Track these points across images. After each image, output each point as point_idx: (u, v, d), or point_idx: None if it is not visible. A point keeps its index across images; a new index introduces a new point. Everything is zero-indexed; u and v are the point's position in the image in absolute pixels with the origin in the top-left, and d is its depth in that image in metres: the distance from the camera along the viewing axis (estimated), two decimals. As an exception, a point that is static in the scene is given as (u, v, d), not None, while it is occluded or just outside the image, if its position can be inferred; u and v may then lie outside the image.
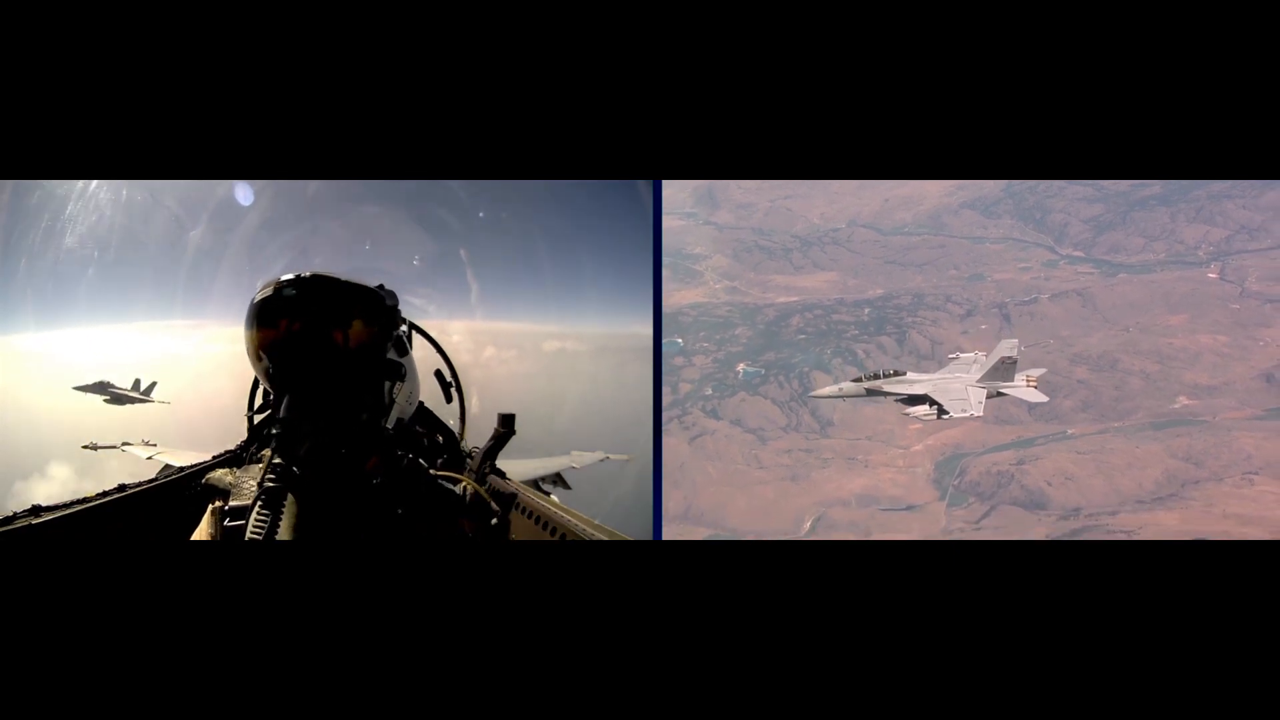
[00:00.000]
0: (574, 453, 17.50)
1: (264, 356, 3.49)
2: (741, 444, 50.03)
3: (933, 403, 23.31)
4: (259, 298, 3.43)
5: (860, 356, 54.32)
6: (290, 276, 3.43)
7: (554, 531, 4.90)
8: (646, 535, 15.56)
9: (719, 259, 61.59)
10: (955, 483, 47.92)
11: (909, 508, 46.92)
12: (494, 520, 4.60)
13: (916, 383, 23.77)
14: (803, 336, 56.35)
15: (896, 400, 23.83)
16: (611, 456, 18.17)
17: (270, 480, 3.79)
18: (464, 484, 4.58)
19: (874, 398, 24.17)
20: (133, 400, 27.63)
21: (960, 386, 23.34)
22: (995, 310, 57.01)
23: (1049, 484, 46.89)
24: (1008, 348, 23.56)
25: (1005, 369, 23.28)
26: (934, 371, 24.83)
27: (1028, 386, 23.75)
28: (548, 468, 15.60)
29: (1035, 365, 25.99)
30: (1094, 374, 52.89)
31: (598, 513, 5.34)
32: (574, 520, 4.83)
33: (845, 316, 57.45)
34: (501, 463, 5.99)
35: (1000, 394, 23.51)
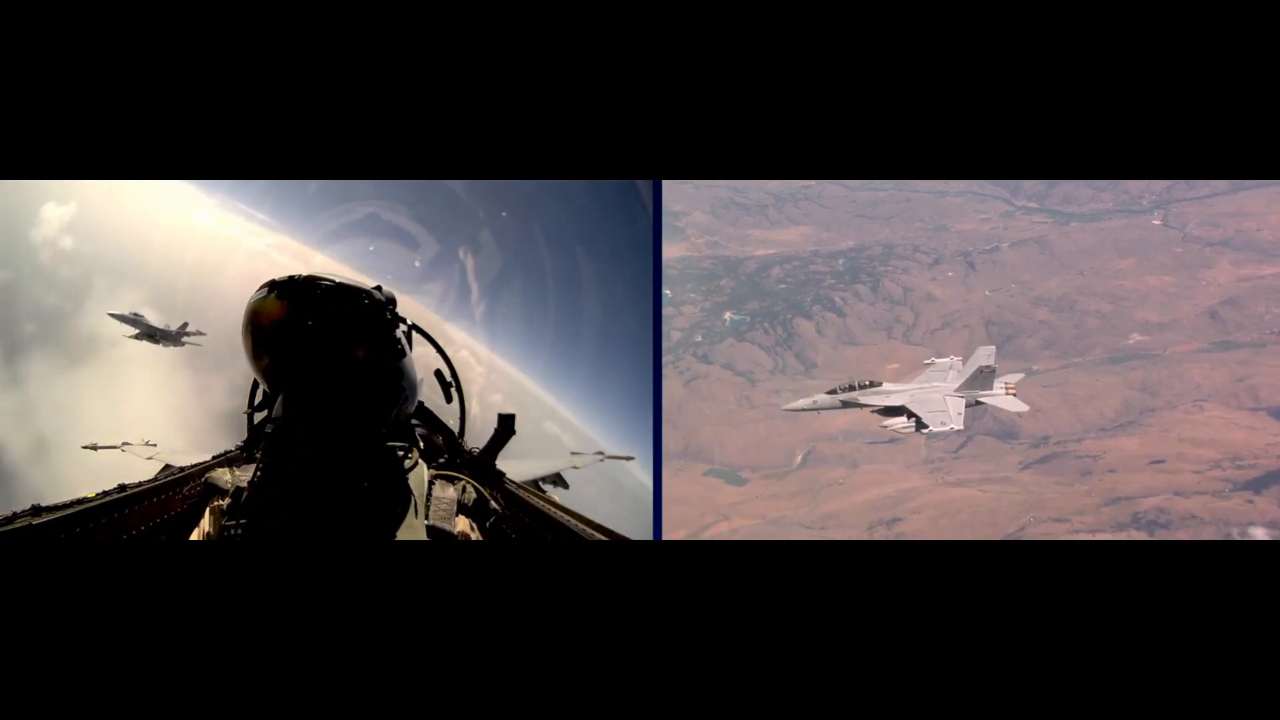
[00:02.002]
0: (573, 453, 17.63)
1: (260, 356, 3.44)
2: (733, 386, 52.32)
3: (910, 415, 22.52)
4: (255, 298, 3.38)
5: (839, 304, 56.96)
6: (284, 278, 3.36)
7: (554, 531, 4.93)
8: (646, 535, 15.79)
9: (698, 215, 63.41)
10: (934, 416, 50.77)
11: (891, 440, 49.42)
12: (494, 520, 4.48)
13: (893, 393, 22.80)
14: (783, 286, 58.59)
15: (873, 412, 22.90)
16: (611, 456, 18.12)
17: (259, 479, 3.65)
18: (464, 484, 4.43)
19: (849, 406, 23.05)
20: (163, 338, 25.88)
21: (938, 397, 22.57)
22: (960, 258, 59.96)
23: (1019, 415, 49.78)
24: (985, 356, 22.74)
25: (984, 378, 22.49)
26: (910, 381, 23.87)
27: (1007, 394, 22.95)
28: (547, 468, 15.78)
29: (999, 307, 26.74)
30: (1054, 315, 56.06)
31: (598, 513, 5.44)
32: (574, 520, 4.89)
33: (821, 267, 59.89)
34: (501, 463, 6.03)
35: (979, 403, 22.83)
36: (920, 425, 22.52)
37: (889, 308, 57.41)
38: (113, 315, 25.31)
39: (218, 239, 28.04)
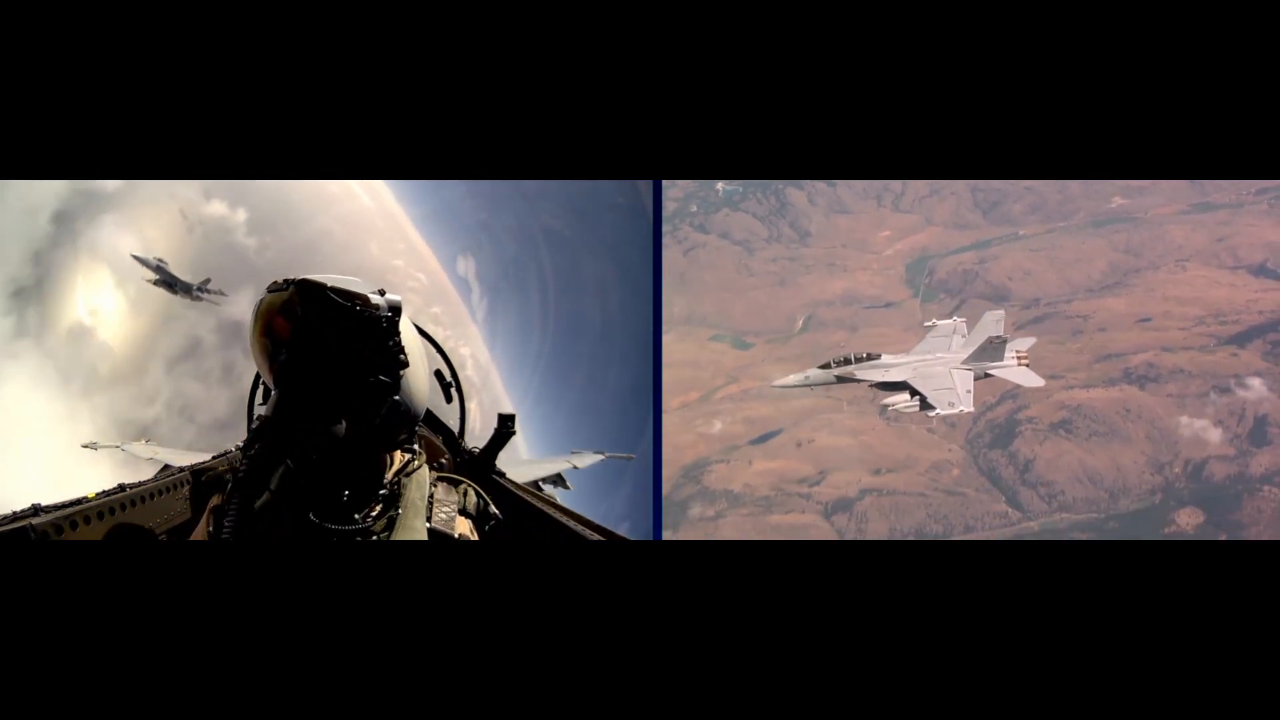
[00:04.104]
0: (574, 453, 17.39)
1: (262, 355, 3.45)
2: (731, 255, 52.55)
3: (914, 392, 20.50)
4: (261, 297, 3.39)
5: (828, 172, 57.14)
6: (286, 279, 3.35)
7: (554, 532, 4.93)
8: (646, 535, 17.13)
9: (682, 86, 62.96)
10: (926, 281, 51.64)
11: (888, 305, 50.44)
12: (494, 522, 4.48)
13: (893, 367, 20.88)
14: (772, 156, 58.66)
15: (871, 386, 21.07)
16: (611, 455, 17.99)
17: (249, 480, 3.67)
18: (465, 487, 4.43)
19: (845, 382, 21.23)
20: (181, 289, 26.03)
21: (943, 371, 20.53)
22: (944, 126, 60.42)
23: (1010, 279, 50.90)
24: (993, 323, 20.88)
25: (994, 348, 20.50)
26: (910, 350, 21.62)
27: (1019, 365, 20.91)
28: (547, 468, 15.75)
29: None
30: (1037, 179, 57.09)
31: (598, 513, 5.35)
32: (574, 520, 4.88)
33: (808, 136, 59.93)
34: (502, 463, 5.99)
35: (988, 375, 20.76)
36: (925, 405, 20.27)
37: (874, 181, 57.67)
38: (135, 257, 25.25)
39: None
